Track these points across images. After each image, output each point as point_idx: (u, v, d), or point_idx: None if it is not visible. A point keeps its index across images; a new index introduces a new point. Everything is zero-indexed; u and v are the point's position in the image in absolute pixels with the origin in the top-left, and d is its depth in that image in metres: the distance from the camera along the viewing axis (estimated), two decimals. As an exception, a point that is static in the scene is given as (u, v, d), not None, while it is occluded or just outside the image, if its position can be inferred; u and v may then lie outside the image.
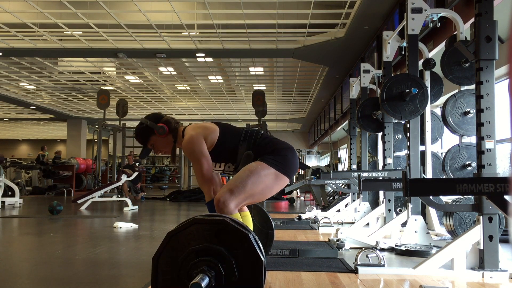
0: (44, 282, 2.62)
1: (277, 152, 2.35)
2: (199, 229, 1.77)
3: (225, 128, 2.48)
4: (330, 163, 16.16)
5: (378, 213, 4.62)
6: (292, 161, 2.38)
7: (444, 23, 5.02)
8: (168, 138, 2.52)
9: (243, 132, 2.46)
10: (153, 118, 2.55)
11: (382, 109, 3.85)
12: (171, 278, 1.76)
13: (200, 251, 1.74)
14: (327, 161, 20.67)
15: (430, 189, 2.68)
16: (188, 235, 1.77)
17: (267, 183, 2.30)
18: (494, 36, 2.74)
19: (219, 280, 1.71)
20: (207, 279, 1.68)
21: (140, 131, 2.55)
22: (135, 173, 9.89)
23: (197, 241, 1.76)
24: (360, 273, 2.73)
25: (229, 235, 1.75)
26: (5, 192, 8.95)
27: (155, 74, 12.86)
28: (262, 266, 1.72)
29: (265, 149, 2.39)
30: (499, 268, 2.61)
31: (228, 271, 1.72)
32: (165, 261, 1.78)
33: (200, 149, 2.35)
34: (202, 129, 2.43)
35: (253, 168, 2.28)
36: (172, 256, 1.78)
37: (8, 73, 12.55)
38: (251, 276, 1.72)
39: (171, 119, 2.56)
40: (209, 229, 1.76)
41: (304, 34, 9.32)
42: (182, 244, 1.77)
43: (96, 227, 5.64)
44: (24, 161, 19.85)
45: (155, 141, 2.53)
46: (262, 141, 2.43)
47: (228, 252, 1.73)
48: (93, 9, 8.22)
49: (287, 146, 2.43)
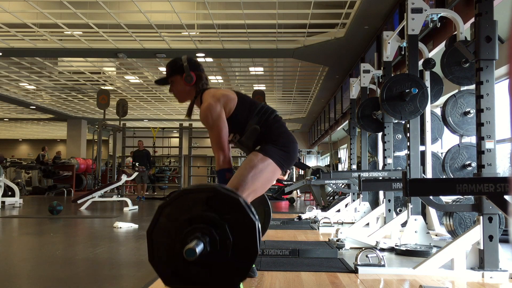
0: (44, 282, 2.62)
1: (282, 145, 2.34)
2: (189, 199, 1.79)
3: (243, 99, 2.44)
4: (330, 163, 16.16)
5: (378, 213, 4.62)
6: (292, 157, 2.39)
7: (444, 23, 5.02)
8: (189, 88, 2.45)
9: (258, 107, 2.42)
10: (192, 63, 2.47)
11: (382, 109, 3.85)
12: (167, 250, 1.78)
13: (193, 219, 1.75)
14: (327, 161, 20.67)
15: (430, 189, 2.68)
16: (179, 206, 1.79)
17: (267, 175, 2.30)
18: (494, 36, 2.74)
19: (214, 245, 1.72)
20: (201, 244, 1.69)
21: (172, 63, 2.47)
22: (135, 173, 9.89)
23: (189, 210, 1.77)
24: (360, 273, 2.73)
25: (220, 202, 1.76)
26: (5, 192, 8.95)
27: (155, 74, 12.86)
28: (255, 228, 1.73)
29: (271, 133, 2.36)
30: (499, 268, 2.61)
31: (222, 236, 1.73)
32: (159, 234, 1.80)
33: (218, 116, 2.31)
34: (222, 96, 2.38)
35: (253, 163, 2.27)
36: (165, 227, 1.79)
37: (8, 73, 12.55)
38: (246, 240, 1.73)
39: (205, 78, 2.49)
40: (200, 198, 1.77)
41: (304, 34, 9.32)
42: (174, 215, 1.79)
43: (96, 227, 5.64)
44: (24, 161, 19.83)
45: (177, 82, 2.46)
46: (273, 123, 2.40)
47: (221, 218, 1.74)
48: (93, 9, 8.22)
49: (293, 140, 2.41)
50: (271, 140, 2.34)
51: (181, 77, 2.44)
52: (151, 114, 19.91)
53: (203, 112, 2.34)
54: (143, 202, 10.89)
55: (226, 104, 2.37)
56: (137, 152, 12.15)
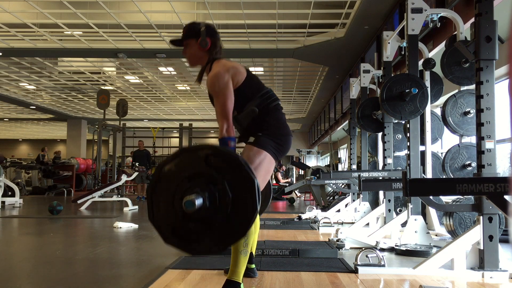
0: (44, 282, 2.62)
1: (276, 136, 2.32)
2: (188, 157, 1.80)
3: (251, 78, 2.43)
4: (330, 163, 16.16)
5: (378, 213, 4.62)
6: (286, 149, 2.38)
7: (444, 23, 5.02)
8: (202, 54, 2.44)
9: (264, 90, 2.41)
10: (210, 29, 2.46)
11: (382, 109, 3.85)
12: (167, 208, 1.79)
13: (192, 177, 1.76)
14: (327, 161, 20.67)
15: (430, 189, 2.68)
16: (178, 165, 1.80)
17: (265, 168, 2.30)
18: (494, 36, 2.74)
19: (213, 201, 1.73)
20: (200, 198, 1.70)
21: (190, 27, 2.47)
22: (135, 173, 9.89)
23: (188, 168, 1.78)
24: (360, 273, 2.73)
25: (218, 159, 1.77)
26: (5, 192, 8.95)
27: (155, 74, 12.86)
28: (254, 185, 1.73)
29: (268, 122, 2.34)
30: (499, 268, 2.61)
31: (221, 192, 1.73)
32: (159, 192, 1.81)
33: (226, 84, 2.31)
34: (231, 67, 2.38)
35: (250, 160, 2.26)
36: (165, 186, 1.81)
37: (8, 73, 12.55)
38: (245, 197, 1.74)
39: (220, 47, 2.49)
40: (199, 156, 1.78)
41: (304, 34, 9.32)
42: (173, 173, 1.80)
43: (96, 227, 5.64)
44: (24, 161, 19.84)
45: (191, 45, 2.45)
46: (273, 111, 2.38)
47: (220, 175, 1.74)
48: (93, 9, 8.22)
49: (288, 132, 2.40)
50: (266, 129, 2.33)
51: (196, 41, 2.43)
52: (151, 114, 19.92)
53: (211, 79, 2.33)
54: (143, 202, 10.88)
55: (235, 75, 2.36)
56: (138, 152, 12.16)
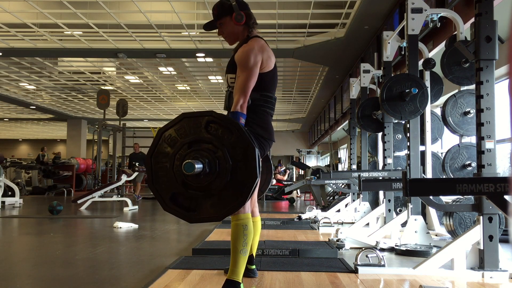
0: (44, 282, 2.62)
1: (260, 136, 2.27)
2: (189, 123, 1.80)
3: (274, 73, 2.41)
4: (330, 163, 16.16)
5: (378, 213, 4.62)
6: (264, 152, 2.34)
7: (444, 23, 5.02)
8: (240, 28, 2.41)
9: (271, 93, 2.38)
10: (240, 2, 2.42)
11: (382, 109, 3.85)
12: (167, 174, 1.78)
13: (192, 142, 1.76)
14: (327, 161, 20.67)
15: (430, 189, 2.68)
16: (179, 130, 1.80)
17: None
18: (494, 36, 2.74)
19: (213, 167, 1.72)
20: (200, 164, 1.69)
21: (220, 5, 2.42)
22: (135, 173, 9.89)
23: (189, 134, 1.78)
24: (360, 273, 2.73)
25: (218, 126, 1.77)
26: (5, 192, 8.95)
27: (155, 74, 12.86)
28: (254, 152, 1.72)
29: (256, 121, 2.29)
30: (499, 268, 2.61)
31: (221, 159, 1.73)
32: (159, 158, 1.81)
33: (255, 63, 2.27)
34: (267, 50, 2.35)
35: None
36: (165, 151, 1.80)
37: (8, 73, 12.55)
38: (244, 162, 1.73)
39: (253, 16, 2.45)
40: (199, 122, 1.78)
41: (304, 34, 9.32)
42: (174, 139, 1.80)
43: (96, 227, 5.64)
44: (24, 161, 19.83)
45: (227, 23, 2.41)
46: (263, 114, 2.33)
47: (219, 142, 1.74)
48: (93, 9, 8.22)
49: (271, 138, 2.35)
50: (251, 126, 2.25)
51: (230, 17, 2.39)
52: (151, 114, 19.92)
53: (244, 52, 2.29)
54: (140, 201, 10.87)
55: (266, 60, 2.33)
56: (133, 155, 12.15)
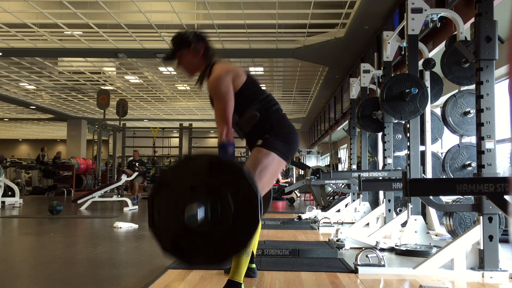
0: (44, 282, 2.62)
1: (282, 136, 2.30)
2: (192, 165, 1.78)
3: (251, 81, 2.40)
4: (330, 163, 16.16)
5: (378, 213, 4.62)
6: (294, 147, 2.35)
7: (444, 23, 5.01)
8: (198, 61, 2.42)
9: (264, 95, 2.39)
10: (197, 35, 2.43)
11: (382, 109, 3.85)
12: (168, 216, 1.76)
13: (195, 186, 1.73)
14: (327, 161, 20.66)
15: (430, 189, 2.68)
16: (181, 173, 1.78)
17: (273, 170, 2.27)
18: (494, 36, 2.74)
19: (215, 213, 1.70)
20: (203, 211, 1.68)
21: (178, 37, 2.43)
22: (135, 173, 9.89)
23: (191, 177, 1.75)
24: (360, 273, 2.73)
25: (222, 170, 1.74)
26: (5, 192, 8.94)
27: (155, 74, 12.86)
28: (257, 197, 1.71)
29: (271, 123, 2.32)
30: (499, 268, 2.61)
31: (223, 204, 1.71)
32: (160, 200, 1.77)
33: (227, 88, 2.28)
34: (233, 70, 2.35)
35: (258, 160, 2.24)
36: (167, 193, 1.77)
37: (8, 73, 12.55)
38: (246, 208, 1.72)
39: (212, 50, 2.45)
40: (202, 165, 1.75)
41: (304, 34, 9.32)
42: (176, 181, 1.77)
43: (96, 227, 5.64)
44: (24, 161, 19.83)
45: (185, 55, 2.42)
46: (273, 114, 2.36)
47: (223, 186, 1.72)
48: (93, 9, 8.22)
49: (293, 130, 2.37)
50: (271, 131, 2.31)
51: (188, 50, 2.41)
52: (151, 114, 19.91)
53: (212, 82, 2.31)
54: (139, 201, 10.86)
55: (235, 78, 2.33)
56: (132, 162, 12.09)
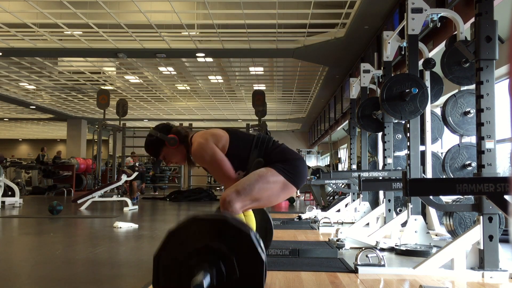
0: (44, 282, 2.62)
1: (288, 162, 2.32)
2: (200, 227, 1.77)
3: (235, 134, 2.43)
4: (330, 163, 16.15)
5: (378, 213, 4.62)
6: (302, 172, 2.36)
7: (444, 23, 5.02)
8: (179, 148, 2.46)
9: (254, 139, 2.41)
10: (162, 129, 2.48)
11: (382, 109, 3.85)
12: (172, 277, 1.76)
13: (201, 249, 1.73)
14: (327, 161, 20.66)
15: (430, 189, 2.68)
16: (189, 233, 1.77)
17: (275, 190, 2.27)
18: (494, 36, 2.74)
19: (220, 279, 1.71)
20: (208, 277, 1.67)
21: (150, 143, 2.49)
22: (135, 173, 9.88)
23: (198, 239, 1.75)
24: (360, 273, 2.73)
25: (230, 234, 1.74)
26: (5, 192, 8.94)
27: (155, 74, 12.86)
28: (263, 265, 1.72)
29: (276, 157, 2.35)
30: (499, 268, 2.61)
31: (229, 269, 1.71)
32: (166, 259, 1.77)
33: (212, 150, 2.30)
34: (211, 135, 2.37)
35: (263, 174, 2.25)
36: (173, 254, 1.77)
37: (8, 73, 12.55)
38: (252, 274, 1.72)
39: (181, 128, 2.50)
40: (210, 227, 1.76)
41: (304, 34, 9.32)
42: (183, 242, 1.77)
43: (96, 227, 5.64)
44: (24, 161, 19.83)
45: (167, 152, 2.48)
46: (274, 149, 2.39)
47: (229, 251, 1.72)
48: (93, 9, 8.22)
49: (298, 156, 2.40)
50: (278, 161, 2.33)
51: (166, 147, 2.46)
52: (151, 114, 19.91)
53: (196, 152, 2.35)
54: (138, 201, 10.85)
55: (218, 142, 2.36)
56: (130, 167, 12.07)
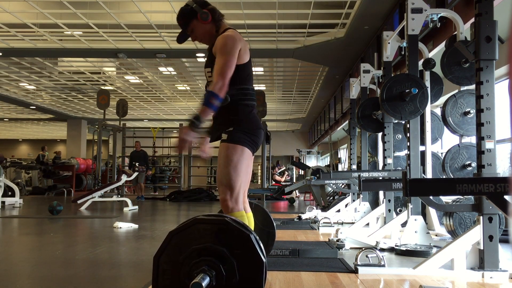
0: (44, 282, 2.62)
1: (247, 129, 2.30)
2: (200, 229, 1.77)
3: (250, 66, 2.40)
4: (330, 163, 16.16)
5: (378, 213, 4.62)
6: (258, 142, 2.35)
7: (444, 23, 5.02)
8: (208, 26, 2.40)
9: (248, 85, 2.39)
10: (199, 2, 2.42)
11: (382, 109, 3.85)
12: (172, 278, 1.76)
13: (202, 251, 1.74)
14: (327, 161, 20.66)
15: (430, 189, 2.68)
16: (189, 235, 1.77)
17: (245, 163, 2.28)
18: (494, 36, 2.74)
19: (220, 280, 1.71)
20: (207, 279, 1.68)
21: (183, 12, 2.43)
22: (135, 173, 9.89)
23: (199, 240, 1.75)
24: (360, 273, 2.73)
25: (230, 235, 1.75)
26: (5, 192, 8.94)
27: (155, 74, 12.86)
28: (263, 267, 1.72)
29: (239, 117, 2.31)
30: (499, 268, 2.61)
31: (229, 271, 1.71)
32: (166, 260, 1.78)
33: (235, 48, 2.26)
34: (244, 44, 2.35)
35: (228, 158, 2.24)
36: (173, 255, 1.77)
37: (8, 73, 12.55)
38: (251, 277, 1.72)
39: (217, 10, 2.44)
40: (211, 229, 1.76)
41: (304, 34, 9.32)
42: (183, 243, 1.77)
43: (96, 227, 5.64)
44: (24, 161, 19.82)
45: (196, 26, 2.41)
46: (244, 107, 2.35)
47: (229, 252, 1.73)
48: (93, 9, 8.22)
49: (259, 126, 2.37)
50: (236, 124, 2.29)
51: (196, 20, 2.40)
52: (151, 114, 19.92)
53: (224, 38, 2.29)
54: (143, 202, 10.88)
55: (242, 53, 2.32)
56: (135, 153, 12.15)
